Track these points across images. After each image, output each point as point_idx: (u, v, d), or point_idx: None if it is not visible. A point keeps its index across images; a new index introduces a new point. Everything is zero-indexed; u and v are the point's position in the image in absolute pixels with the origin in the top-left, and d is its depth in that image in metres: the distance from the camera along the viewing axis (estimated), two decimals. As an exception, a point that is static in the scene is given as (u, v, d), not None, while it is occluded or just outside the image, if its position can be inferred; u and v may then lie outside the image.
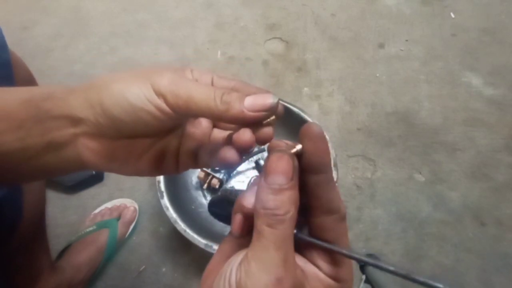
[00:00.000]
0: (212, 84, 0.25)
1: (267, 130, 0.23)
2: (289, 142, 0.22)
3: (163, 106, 0.21)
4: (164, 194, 0.73)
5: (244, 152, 0.24)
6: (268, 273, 0.18)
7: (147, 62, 1.16)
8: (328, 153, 0.21)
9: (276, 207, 0.19)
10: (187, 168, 0.27)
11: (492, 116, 1.05)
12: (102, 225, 0.80)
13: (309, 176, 0.21)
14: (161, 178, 0.74)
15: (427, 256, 0.85)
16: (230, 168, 0.24)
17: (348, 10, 1.31)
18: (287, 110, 0.81)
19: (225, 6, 1.32)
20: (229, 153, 0.24)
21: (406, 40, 1.22)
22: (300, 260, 0.21)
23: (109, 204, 0.88)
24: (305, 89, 1.11)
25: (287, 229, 0.19)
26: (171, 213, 0.71)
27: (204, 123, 0.27)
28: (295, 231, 0.20)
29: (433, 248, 0.86)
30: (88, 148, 0.23)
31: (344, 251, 0.20)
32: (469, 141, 1.01)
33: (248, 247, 0.19)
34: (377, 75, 1.14)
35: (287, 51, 1.20)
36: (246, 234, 0.22)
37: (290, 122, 0.86)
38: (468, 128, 1.03)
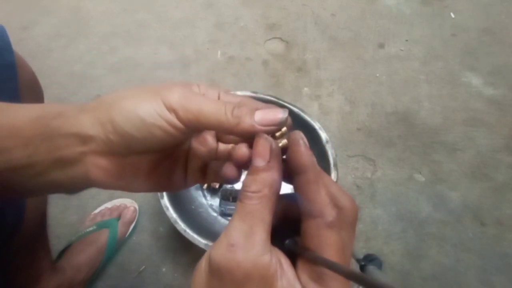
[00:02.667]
0: (219, 98, 0.25)
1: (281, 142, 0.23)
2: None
3: (175, 121, 0.22)
4: (164, 194, 0.73)
5: (244, 167, 0.24)
6: (225, 238, 0.19)
7: (147, 62, 1.16)
8: (305, 155, 0.21)
9: (246, 184, 0.20)
10: (195, 183, 0.28)
11: (492, 116, 1.05)
12: (102, 225, 0.80)
13: (293, 177, 0.22)
14: (161, 178, 0.74)
15: (427, 256, 0.85)
16: (233, 184, 0.25)
17: (348, 10, 1.31)
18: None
19: (225, 6, 1.32)
20: (228, 169, 0.24)
21: (406, 40, 1.22)
22: (283, 260, 0.20)
23: (109, 204, 0.88)
24: (305, 89, 1.11)
25: (254, 206, 0.19)
26: (171, 213, 0.71)
27: (209, 139, 0.27)
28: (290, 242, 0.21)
29: (433, 248, 0.86)
30: (96, 166, 0.23)
31: (319, 259, 0.19)
32: (469, 141, 1.01)
33: None
34: (377, 75, 1.14)
35: (287, 51, 1.20)
36: None
37: (290, 122, 0.86)
38: (468, 128, 1.03)
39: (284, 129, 0.23)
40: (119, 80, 1.11)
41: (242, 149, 0.23)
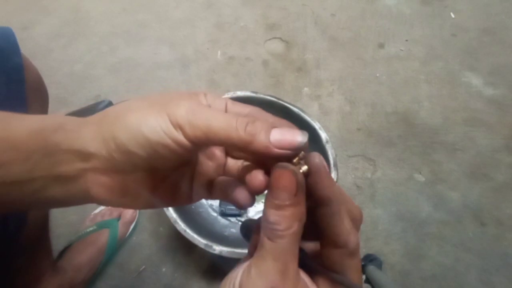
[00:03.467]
0: (226, 110, 0.24)
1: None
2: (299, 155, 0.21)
3: (181, 138, 0.20)
4: (164, 194, 0.73)
5: (257, 194, 0.23)
6: (264, 280, 0.18)
7: (147, 62, 1.16)
8: (330, 186, 0.20)
9: (276, 222, 0.19)
10: (201, 199, 0.27)
11: (492, 116, 1.05)
12: (102, 225, 0.80)
13: (315, 206, 0.21)
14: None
15: (427, 256, 0.85)
16: (243, 209, 0.24)
17: (348, 10, 1.31)
18: (287, 110, 0.81)
19: (225, 6, 1.32)
20: (241, 195, 0.23)
21: (406, 40, 1.22)
22: (309, 282, 0.21)
23: (109, 204, 0.88)
24: (305, 89, 1.11)
25: (286, 243, 0.19)
26: (171, 213, 0.71)
27: (217, 154, 0.26)
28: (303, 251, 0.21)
29: (433, 248, 0.86)
30: (97, 184, 0.22)
31: (342, 279, 0.20)
32: (469, 141, 1.01)
33: None
34: (377, 75, 1.14)
35: (287, 51, 1.20)
36: None
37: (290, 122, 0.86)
38: (468, 128, 1.03)
39: (301, 153, 0.20)
40: (119, 80, 1.11)
41: (258, 177, 0.22)
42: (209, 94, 0.24)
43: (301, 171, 0.20)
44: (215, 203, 0.85)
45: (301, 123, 0.83)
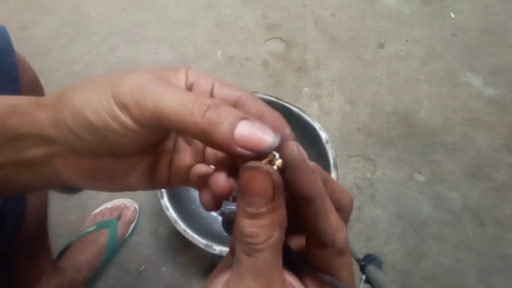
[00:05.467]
0: (212, 92, 0.20)
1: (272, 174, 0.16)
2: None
3: (127, 121, 0.17)
4: (164, 194, 0.73)
5: (223, 199, 0.20)
6: None
7: (147, 62, 1.16)
8: (311, 181, 0.16)
9: (252, 234, 0.15)
10: (179, 185, 0.24)
11: (492, 116, 1.05)
12: (102, 225, 0.80)
13: (296, 206, 0.17)
14: (161, 178, 0.74)
15: (427, 256, 0.85)
16: (208, 210, 0.20)
17: (348, 10, 1.31)
18: (287, 110, 0.81)
19: (225, 6, 1.32)
20: (205, 197, 0.21)
21: (406, 40, 1.22)
22: (297, 285, 0.19)
23: (109, 204, 0.88)
24: (305, 89, 1.11)
25: (267, 257, 0.16)
26: (171, 213, 0.71)
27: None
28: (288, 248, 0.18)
29: (433, 248, 0.86)
30: (66, 168, 0.20)
31: (332, 281, 0.18)
32: (469, 141, 1.01)
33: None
34: (377, 75, 1.14)
35: (287, 51, 1.20)
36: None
37: (290, 122, 0.86)
38: (468, 128, 1.03)
39: (278, 161, 0.17)
40: (119, 80, 1.11)
41: (219, 181, 0.19)
42: (192, 71, 0.20)
43: (275, 167, 0.16)
44: (215, 203, 0.85)
45: (301, 123, 0.83)
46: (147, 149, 0.22)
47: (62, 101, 0.18)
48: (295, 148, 0.16)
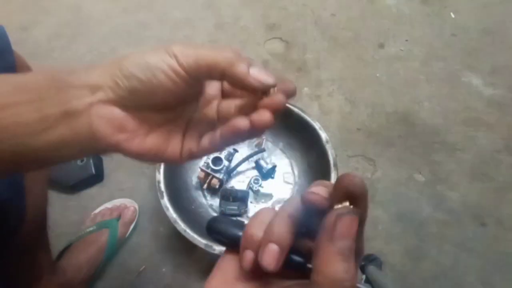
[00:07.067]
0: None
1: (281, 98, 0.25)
2: (328, 185, 0.21)
3: (176, 65, 0.23)
4: (164, 194, 0.73)
5: (236, 139, 0.26)
6: None
7: (147, 62, 1.16)
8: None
9: (347, 279, 0.17)
10: (189, 154, 0.28)
11: (492, 116, 1.05)
12: (102, 225, 0.80)
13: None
14: (161, 178, 0.74)
15: (427, 256, 0.85)
16: (236, 143, 0.27)
17: (348, 10, 1.30)
18: (287, 110, 0.81)
19: (225, 6, 1.32)
20: (241, 121, 0.24)
21: (406, 40, 1.22)
22: None
23: (109, 204, 0.88)
24: (305, 89, 1.11)
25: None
26: (171, 213, 0.71)
27: (214, 103, 0.29)
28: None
29: (433, 248, 0.86)
30: (100, 117, 0.24)
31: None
32: (469, 141, 1.01)
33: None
34: (377, 75, 1.14)
35: (287, 51, 1.20)
36: (256, 268, 0.21)
37: (290, 122, 0.87)
38: (468, 128, 1.03)
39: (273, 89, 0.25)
40: (119, 80, 1.11)
41: (244, 121, 0.24)
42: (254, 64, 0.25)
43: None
44: (215, 203, 0.85)
45: (301, 123, 0.83)
46: (175, 107, 0.27)
47: (117, 60, 0.24)
48: (359, 179, 0.19)
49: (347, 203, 0.19)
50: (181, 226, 0.70)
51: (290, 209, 0.22)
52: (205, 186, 0.82)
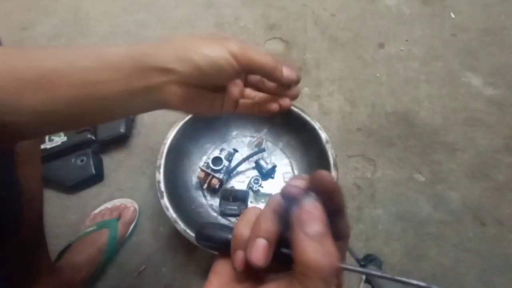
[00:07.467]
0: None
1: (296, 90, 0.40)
2: (303, 178, 0.23)
3: (234, 63, 0.32)
4: (164, 194, 0.73)
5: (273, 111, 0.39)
6: None
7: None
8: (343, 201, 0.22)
9: (325, 261, 0.18)
10: (227, 112, 0.38)
11: (492, 116, 1.05)
12: (102, 225, 0.80)
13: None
14: (161, 178, 0.74)
15: (427, 256, 0.85)
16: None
17: (348, 10, 1.30)
18: (287, 110, 0.81)
19: (225, 6, 1.32)
20: (273, 105, 0.39)
21: (406, 40, 1.22)
22: None
23: (109, 204, 0.88)
24: (305, 89, 1.11)
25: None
26: (171, 213, 0.71)
27: (240, 86, 0.37)
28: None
29: (433, 248, 0.86)
30: (172, 93, 0.32)
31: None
32: (469, 141, 1.01)
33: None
34: (377, 75, 1.14)
35: (287, 51, 1.20)
36: (249, 268, 0.22)
37: (290, 122, 0.87)
38: (468, 128, 1.03)
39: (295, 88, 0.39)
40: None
41: (287, 101, 0.39)
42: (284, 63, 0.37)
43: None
44: (215, 203, 0.85)
45: (301, 123, 0.83)
46: (217, 88, 0.35)
47: (183, 46, 0.31)
48: (328, 175, 0.21)
49: (313, 194, 0.20)
50: (181, 226, 0.70)
51: (274, 204, 0.22)
52: (205, 186, 0.82)
